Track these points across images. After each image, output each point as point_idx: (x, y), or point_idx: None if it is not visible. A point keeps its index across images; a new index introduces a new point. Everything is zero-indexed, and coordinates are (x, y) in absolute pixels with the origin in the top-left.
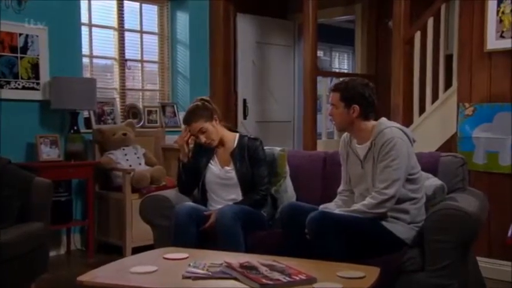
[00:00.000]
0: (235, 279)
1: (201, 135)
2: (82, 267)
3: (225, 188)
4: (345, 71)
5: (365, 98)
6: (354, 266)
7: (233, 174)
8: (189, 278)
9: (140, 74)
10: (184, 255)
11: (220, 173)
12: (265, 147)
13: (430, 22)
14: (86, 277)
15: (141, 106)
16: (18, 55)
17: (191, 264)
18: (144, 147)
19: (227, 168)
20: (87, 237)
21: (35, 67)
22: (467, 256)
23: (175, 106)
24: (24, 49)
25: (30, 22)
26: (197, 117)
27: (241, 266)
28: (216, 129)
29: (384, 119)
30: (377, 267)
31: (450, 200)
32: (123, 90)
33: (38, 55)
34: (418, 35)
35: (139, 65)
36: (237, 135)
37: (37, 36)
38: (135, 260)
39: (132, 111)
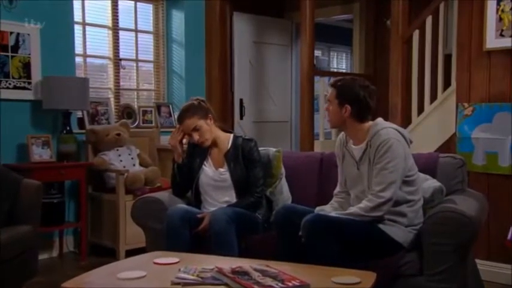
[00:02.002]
0: (226, 285)
1: (195, 133)
2: (74, 270)
3: (219, 190)
4: (343, 71)
5: (359, 100)
6: (350, 271)
7: (227, 175)
8: (178, 284)
9: (135, 74)
10: (175, 259)
11: (214, 175)
12: (260, 148)
13: (429, 21)
14: (71, 283)
15: (135, 106)
16: (9, 54)
17: (181, 269)
18: (139, 148)
19: (221, 169)
20: (80, 240)
21: (27, 66)
22: (466, 259)
23: (170, 106)
24: (16, 48)
25: (21, 20)
26: (191, 114)
27: (233, 271)
28: (210, 129)
29: (380, 120)
30: (373, 271)
31: (449, 202)
32: (118, 90)
33: (29, 54)
34: (416, 34)
35: (134, 64)
36: (231, 135)
37: (28, 34)
38: (124, 265)
39: (126, 111)
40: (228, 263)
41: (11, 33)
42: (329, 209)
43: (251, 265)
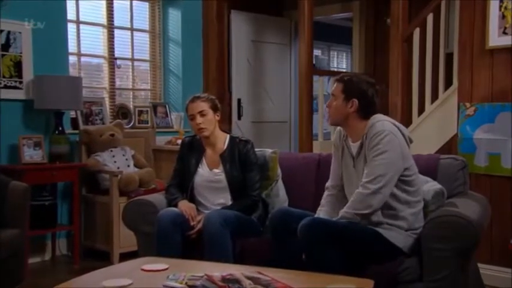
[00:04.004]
0: None
1: (199, 116)
2: (66, 274)
3: (214, 192)
4: (343, 71)
5: (366, 96)
6: (346, 278)
7: (222, 177)
8: None
9: (131, 73)
10: (164, 266)
11: (208, 176)
12: (256, 149)
13: (430, 19)
14: None
15: (131, 106)
16: (0, 52)
17: (169, 276)
18: (134, 149)
19: (216, 170)
20: (73, 243)
21: (18, 65)
22: (468, 265)
23: (167, 106)
24: (6, 46)
25: (12, 18)
26: (205, 100)
27: (223, 279)
28: (214, 122)
29: (378, 114)
30: (372, 277)
31: (450, 206)
32: (113, 89)
33: (20, 53)
34: (417, 32)
35: (130, 63)
36: (228, 136)
37: (20, 32)
38: (111, 272)
39: (121, 111)
40: (218, 270)
41: (2, 31)
42: (323, 216)
43: (242, 272)
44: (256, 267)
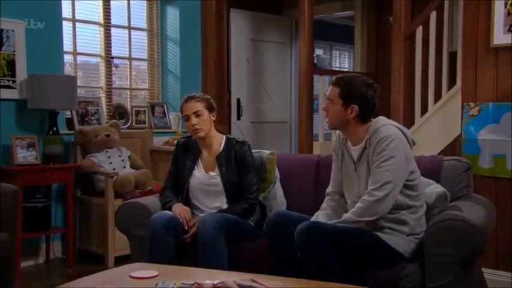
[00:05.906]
0: None
1: (194, 117)
2: (60, 278)
3: (209, 196)
4: (345, 70)
5: (366, 100)
6: (343, 286)
7: (218, 180)
8: None
9: (128, 72)
10: (154, 273)
11: (204, 179)
12: (253, 150)
13: (433, 16)
14: None
15: (128, 106)
16: None
17: (158, 284)
18: (131, 150)
19: (212, 173)
20: (67, 246)
21: (11, 64)
22: (471, 271)
23: (165, 106)
24: None
25: (5, 16)
26: (200, 100)
27: (214, 287)
28: (209, 122)
29: (381, 117)
30: (372, 284)
31: (453, 209)
32: (109, 89)
33: (14, 51)
34: (419, 31)
35: (127, 62)
36: (224, 137)
37: (13, 30)
38: (98, 279)
39: (118, 111)
40: (210, 277)
41: None
42: (323, 218)
43: (235, 280)
44: (250, 274)
